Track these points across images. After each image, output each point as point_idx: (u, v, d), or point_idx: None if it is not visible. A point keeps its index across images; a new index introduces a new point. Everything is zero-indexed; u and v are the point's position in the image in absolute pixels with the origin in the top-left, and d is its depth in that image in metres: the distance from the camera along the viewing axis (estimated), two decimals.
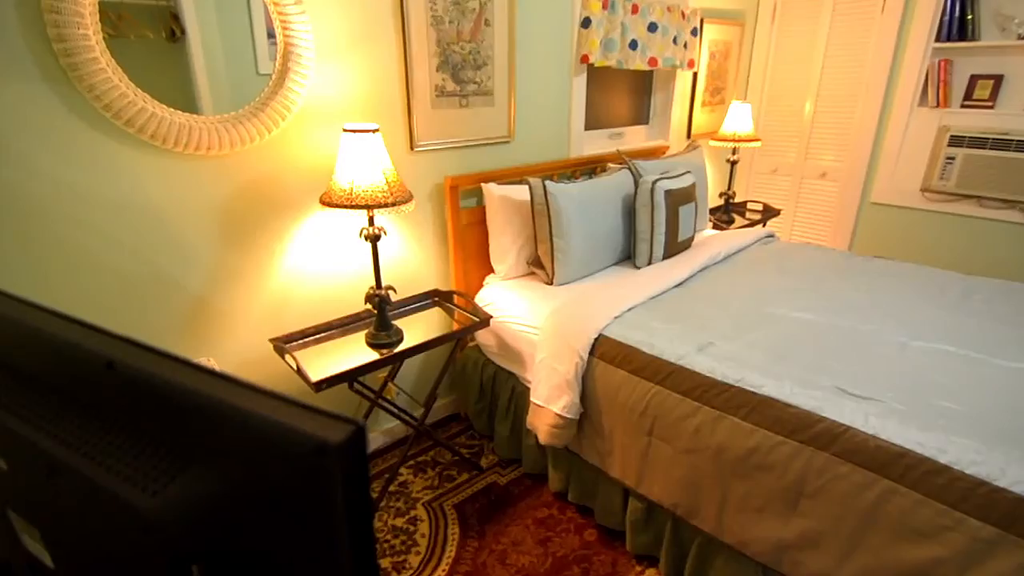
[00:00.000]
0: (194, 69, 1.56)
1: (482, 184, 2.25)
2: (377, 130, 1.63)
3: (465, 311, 2.10)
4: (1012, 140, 2.82)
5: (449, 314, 2.11)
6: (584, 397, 1.80)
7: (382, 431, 2.31)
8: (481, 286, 2.35)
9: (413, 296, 2.13)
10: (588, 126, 2.84)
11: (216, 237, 1.70)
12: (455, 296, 2.16)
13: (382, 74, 1.92)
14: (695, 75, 3.32)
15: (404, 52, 1.94)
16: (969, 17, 2.91)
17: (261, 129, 1.63)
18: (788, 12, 3.53)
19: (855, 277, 2.24)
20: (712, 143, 3.35)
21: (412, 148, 2.07)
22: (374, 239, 1.72)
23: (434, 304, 2.16)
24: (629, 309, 1.91)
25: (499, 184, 2.26)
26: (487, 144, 2.32)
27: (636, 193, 2.35)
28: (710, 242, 2.57)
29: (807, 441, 1.33)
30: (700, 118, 3.49)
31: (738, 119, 3.20)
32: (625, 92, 3.13)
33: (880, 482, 1.23)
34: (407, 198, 1.67)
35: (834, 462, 1.29)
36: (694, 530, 1.59)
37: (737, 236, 2.67)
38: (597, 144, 2.92)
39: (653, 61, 2.79)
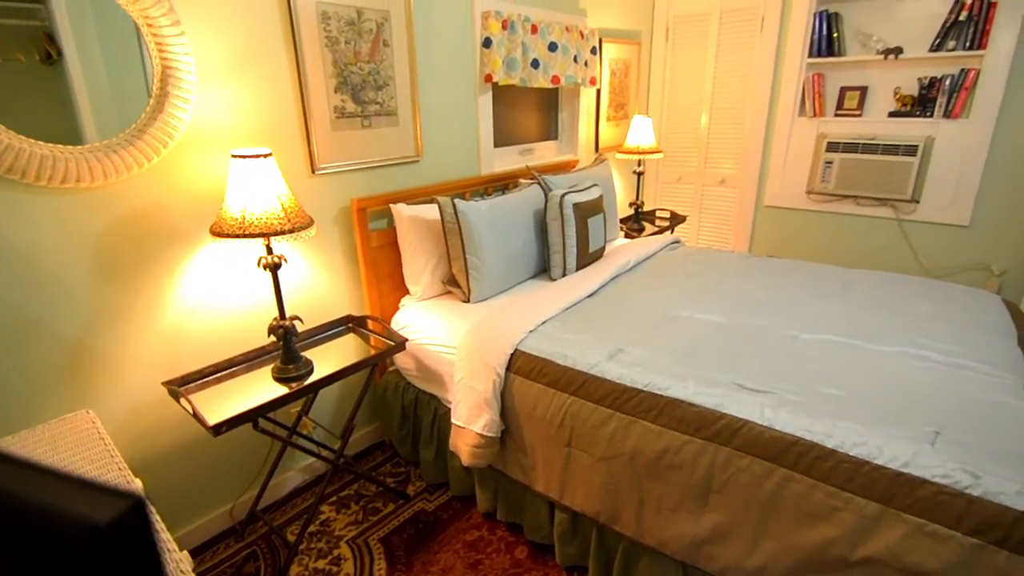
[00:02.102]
0: (74, 93, 1.44)
1: (391, 205, 2.21)
2: (269, 154, 1.56)
3: (380, 335, 2.04)
4: (879, 144, 3.13)
5: (364, 340, 2.05)
6: (504, 414, 1.79)
7: (299, 468, 2.19)
8: (397, 309, 2.30)
9: (325, 324, 2.05)
10: (498, 143, 2.88)
11: (95, 275, 1.56)
12: (369, 321, 2.10)
13: (275, 97, 1.85)
14: (598, 92, 3.45)
15: (298, 74, 1.88)
16: (835, 35, 3.21)
17: (139, 157, 1.52)
18: (680, 31, 3.76)
19: (752, 277, 2.39)
20: (619, 156, 3.49)
21: (314, 171, 2.00)
22: (274, 268, 1.65)
23: (348, 330, 2.09)
24: (544, 322, 1.93)
25: (409, 204, 2.23)
26: (394, 164, 2.29)
27: (546, 207, 2.40)
28: (620, 251, 2.65)
29: (710, 438, 1.38)
30: (607, 132, 3.62)
31: (640, 132, 3.35)
32: (533, 109, 3.20)
33: (777, 471, 1.30)
34: (307, 223, 1.61)
35: (736, 456, 1.35)
36: (617, 536, 1.62)
37: (645, 244, 2.77)
38: (508, 160, 2.96)
39: (556, 79, 2.87)
